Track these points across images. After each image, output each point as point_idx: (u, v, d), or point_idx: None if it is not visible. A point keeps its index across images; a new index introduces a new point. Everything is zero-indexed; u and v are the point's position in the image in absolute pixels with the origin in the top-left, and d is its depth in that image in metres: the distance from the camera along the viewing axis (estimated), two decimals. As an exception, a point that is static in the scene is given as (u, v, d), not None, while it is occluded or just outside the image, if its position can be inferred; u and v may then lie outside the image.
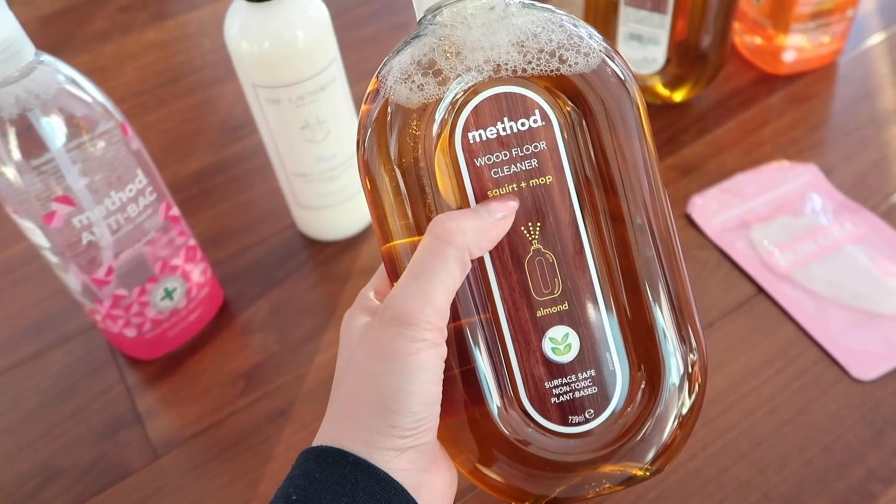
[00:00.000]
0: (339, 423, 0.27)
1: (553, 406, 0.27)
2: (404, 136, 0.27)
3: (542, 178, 0.27)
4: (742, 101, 0.60)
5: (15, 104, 0.36)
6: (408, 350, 0.25)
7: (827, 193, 0.52)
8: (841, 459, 0.40)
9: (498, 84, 0.27)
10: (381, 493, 0.25)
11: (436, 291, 0.25)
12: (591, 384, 0.27)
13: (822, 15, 0.57)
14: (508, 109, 0.27)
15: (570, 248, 0.27)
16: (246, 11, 0.42)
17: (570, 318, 0.27)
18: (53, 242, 0.40)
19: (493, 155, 0.27)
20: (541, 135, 0.27)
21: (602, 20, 0.58)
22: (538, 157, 0.27)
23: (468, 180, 0.27)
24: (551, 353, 0.27)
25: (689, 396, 0.28)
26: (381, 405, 0.25)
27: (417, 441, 0.26)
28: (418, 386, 0.25)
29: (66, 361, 0.49)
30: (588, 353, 0.27)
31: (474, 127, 0.27)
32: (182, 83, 0.70)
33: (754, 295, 0.47)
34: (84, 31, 0.79)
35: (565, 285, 0.27)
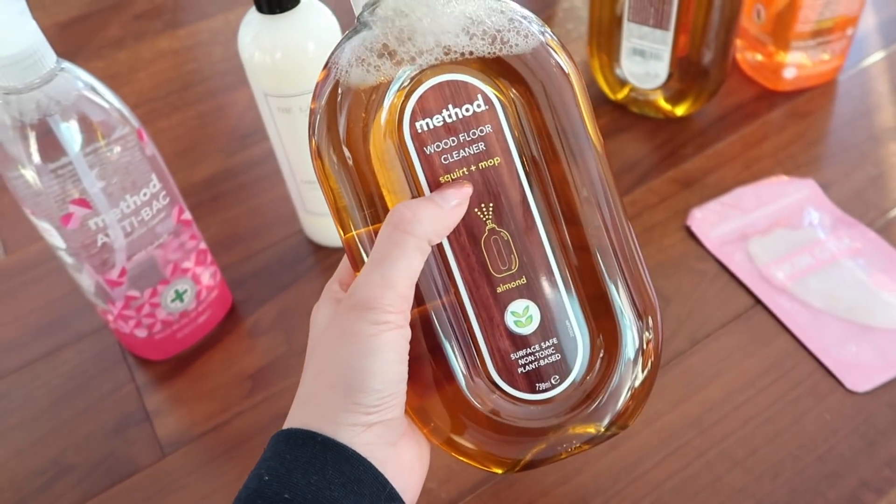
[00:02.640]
0: (305, 404, 0.28)
1: (520, 376, 0.29)
2: (355, 120, 0.27)
3: (490, 160, 0.28)
4: (742, 117, 0.61)
5: (36, 109, 0.37)
6: (370, 332, 0.26)
7: (824, 208, 0.53)
8: (834, 469, 0.41)
9: (440, 72, 0.27)
10: (349, 470, 0.27)
11: (397, 277, 0.27)
12: (554, 352, 0.29)
13: (822, 33, 0.58)
14: (452, 96, 0.28)
15: (522, 225, 0.29)
16: (259, 22, 0.44)
17: (528, 291, 0.29)
18: (69, 244, 0.41)
19: (441, 142, 0.28)
20: (485, 119, 0.28)
21: (606, 35, 0.59)
22: (485, 140, 0.28)
23: (419, 168, 0.28)
24: (514, 326, 0.29)
25: (643, 371, 0.30)
26: (345, 384, 0.27)
27: (383, 417, 0.27)
28: (381, 365, 0.27)
29: (78, 360, 0.50)
30: (548, 322, 0.29)
31: (421, 116, 0.28)
32: (194, 91, 0.72)
33: (751, 306, 0.48)
34: (99, 38, 0.80)
35: (521, 260, 0.29)
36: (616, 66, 0.60)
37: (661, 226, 0.54)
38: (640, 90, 0.60)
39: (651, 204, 0.55)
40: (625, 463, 0.42)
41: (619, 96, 0.62)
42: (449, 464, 0.43)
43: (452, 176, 0.28)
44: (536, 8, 0.76)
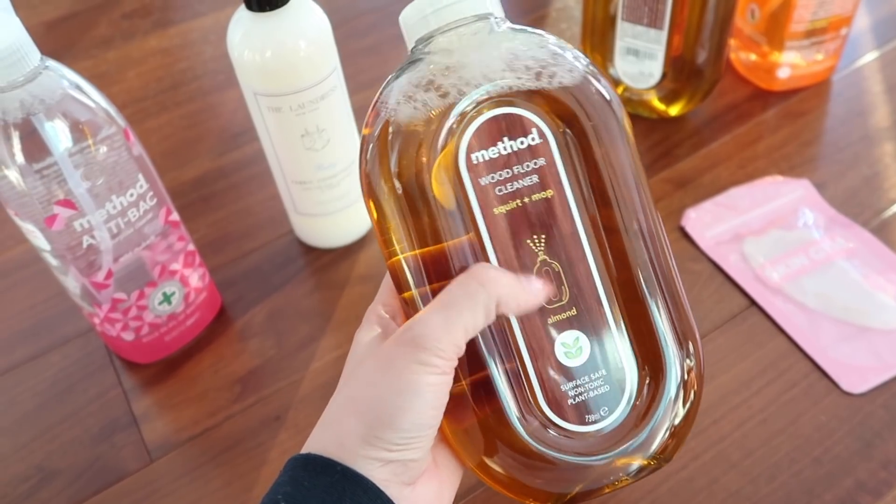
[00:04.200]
0: (329, 427, 0.27)
1: (570, 407, 0.29)
2: (406, 155, 0.28)
3: (543, 192, 0.28)
4: (737, 117, 0.60)
5: (20, 108, 0.37)
6: (415, 370, 0.26)
7: (819, 208, 0.52)
8: (830, 471, 0.40)
9: (496, 106, 0.28)
10: (367, 502, 0.26)
11: (458, 326, 0.26)
12: (603, 383, 0.29)
13: (816, 33, 0.58)
14: (508, 129, 0.28)
15: (573, 257, 0.29)
16: (249, 20, 0.43)
17: (578, 322, 0.29)
18: (54, 245, 0.41)
19: (496, 174, 0.28)
20: (539, 152, 0.28)
21: (600, 34, 0.59)
22: (538, 172, 0.28)
23: (474, 199, 0.28)
24: (564, 358, 0.29)
25: (685, 403, 0.29)
26: (374, 416, 0.26)
27: (403, 456, 0.27)
28: (416, 406, 0.26)
29: (63, 364, 0.50)
30: (598, 354, 0.29)
31: (477, 148, 0.28)
32: (183, 90, 0.71)
33: (747, 307, 0.48)
34: (87, 38, 0.79)
35: (572, 292, 0.29)
36: (610, 66, 0.60)
37: (656, 226, 0.53)
38: (634, 90, 0.59)
39: (645, 204, 0.55)
40: (620, 466, 0.41)
41: (613, 96, 0.61)
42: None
43: (507, 207, 0.28)
44: (529, 8, 0.76)
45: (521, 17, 0.74)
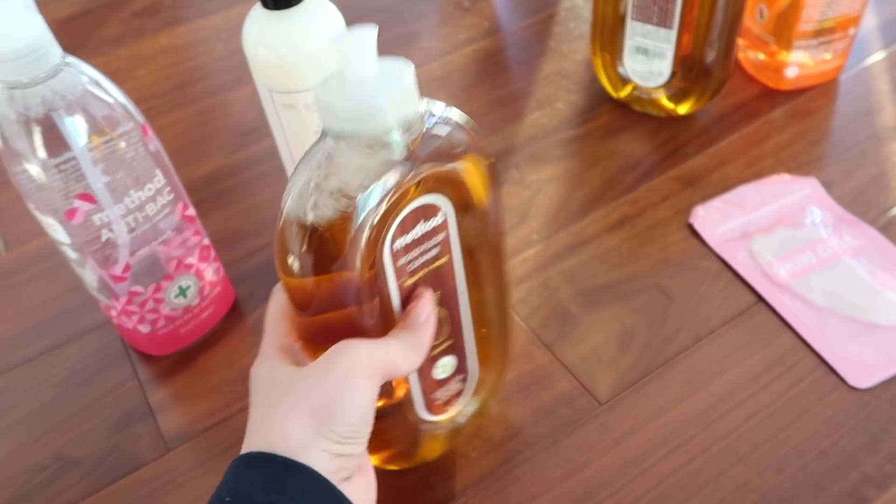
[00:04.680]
0: (272, 428, 0.30)
1: (437, 406, 0.39)
2: (325, 254, 0.30)
3: (440, 259, 0.34)
4: (745, 115, 0.61)
5: (41, 104, 0.37)
6: (356, 373, 0.30)
7: (826, 206, 0.53)
8: (837, 464, 0.41)
9: (415, 196, 0.31)
10: (309, 487, 0.29)
11: (385, 354, 0.32)
12: (460, 382, 0.39)
13: (824, 33, 0.58)
14: (424, 215, 0.32)
15: (455, 304, 0.36)
16: (264, 18, 0.44)
17: (452, 349, 0.37)
18: (73, 239, 0.41)
19: (410, 254, 0.32)
20: (441, 228, 0.33)
21: (609, 33, 0.59)
22: (440, 245, 0.33)
23: (392, 278, 0.32)
24: (440, 375, 0.38)
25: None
26: (325, 412, 0.30)
27: (348, 450, 0.31)
28: (360, 401, 0.30)
29: (81, 356, 0.50)
30: (460, 366, 0.38)
31: (399, 234, 0.31)
32: (194, 87, 0.72)
33: (754, 304, 0.48)
34: (98, 35, 0.80)
35: (451, 328, 0.36)
36: (619, 65, 0.60)
37: (664, 224, 0.54)
38: (643, 88, 0.60)
39: (653, 202, 0.55)
40: (629, 458, 0.42)
41: (622, 95, 0.62)
42: (454, 459, 0.43)
43: (413, 278, 0.33)
44: (538, 7, 0.76)
45: (530, 16, 0.75)
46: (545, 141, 0.61)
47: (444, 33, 0.74)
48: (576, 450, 0.43)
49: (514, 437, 0.43)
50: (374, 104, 0.29)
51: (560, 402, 0.45)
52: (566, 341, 0.48)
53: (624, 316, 0.49)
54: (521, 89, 0.67)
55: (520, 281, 0.51)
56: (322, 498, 0.29)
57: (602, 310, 0.49)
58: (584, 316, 0.49)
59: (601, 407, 0.44)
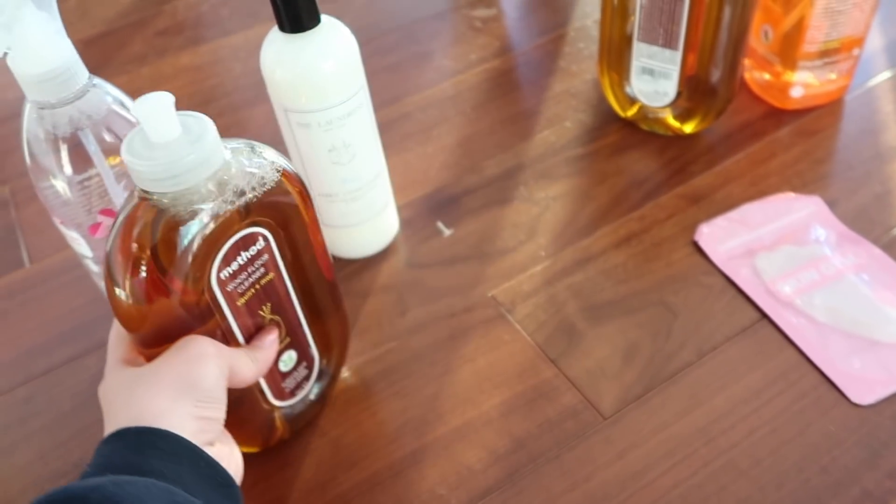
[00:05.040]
0: (131, 408, 0.34)
1: (287, 392, 0.44)
2: (156, 289, 0.34)
3: (267, 276, 0.39)
4: (750, 135, 0.62)
5: (68, 123, 0.39)
6: (201, 349, 0.35)
7: (830, 225, 0.54)
8: (838, 479, 0.41)
9: (233, 232, 0.35)
10: (165, 445, 0.32)
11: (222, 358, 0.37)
12: (305, 369, 0.45)
13: (829, 53, 0.59)
14: (244, 245, 0.36)
15: (288, 310, 0.41)
16: (281, 41, 0.45)
17: (291, 345, 0.43)
18: (96, 252, 0.43)
19: (237, 279, 0.37)
20: (265, 251, 0.38)
21: (616, 54, 0.60)
22: (264, 266, 0.38)
23: (223, 302, 0.37)
24: (283, 367, 0.43)
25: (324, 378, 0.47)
26: (183, 382, 0.34)
27: (207, 413, 0.35)
28: (209, 370, 0.35)
29: (100, 366, 0.51)
30: (302, 357, 0.44)
31: (224, 266, 0.36)
32: (214, 105, 0.74)
33: (758, 320, 0.49)
34: (122, 54, 0.83)
35: (288, 329, 0.42)
36: (626, 85, 0.62)
37: (670, 241, 0.55)
38: (650, 108, 0.61)
39: (659, 219, 0.56)
40: (632, 471, 0.43)
41: (629, 114, 0.63)
42: (459, 471, 0.44)
43: (244, 298, 0.38)
44: (548, 28, 0.78)
45: (541, 36, 0.76)
46: (554, 158, 0.63)
47: (457, 53, 0.76)
48: (579, 463, 0.43)
49: (519, 449, 0.44)
50: (181, 165, 0.32)
51: (564, 416, 0.46)
52: (571, 356, 0.49)
53: (629, 331, 0.50)
54: (530, 108, 0.68)
55: (527, 296, 0.52)
56: (180, 454, 0.32)
57: (607, 325, 0.50)
58: (589, 331, 0.50)
59: (605, 421, 0.45)
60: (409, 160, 0.64)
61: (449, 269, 0.55)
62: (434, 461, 0.44)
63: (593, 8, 0.79)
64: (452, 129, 0.67)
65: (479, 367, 0.49)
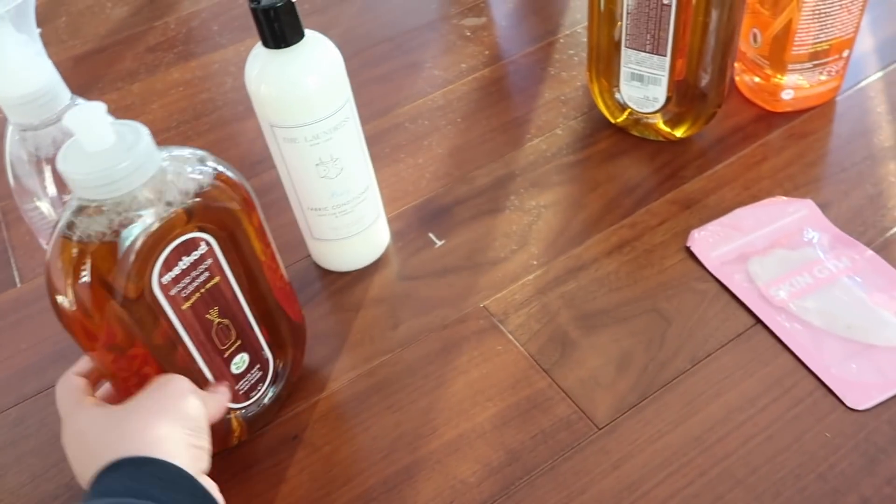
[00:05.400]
0: (124, 439, 0.34)
1: (241, 395, 0.45)
2: (100, 298, 0.35)
3: (212, 280, 0.39)
4: (742, 138, 0.62)
5: (51, 144, 0.39)
6: (188, 393, 0.38)
7: (823, 228, 0.53)
8: (835, 487, 0.41)
9: (173, 235, 0.36)
10: (164, 474, 0.33)
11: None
12: (259, 370, 0.46)
13: (818, 55, 0.59)
14: (185, 249, 0.37)
15: (237, 314, 0.42)
16: (265, 57, 0.45)
17: (242, 348, 0.44)
18: (83, 272, 0.43)
19: (180, 283, 0.38)
20: (208, 255, 0.38)
21: (605, 60, 0.60)
22: (209, 269, 0.39)
23: (167, 307, 0.37)
24: (236, 370, 0.44)
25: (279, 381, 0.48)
26: (172, 413, 0.36)
27: (199, 442, 0.37)
28: (194, 405, 0.38)
29: (91, 386, 0.51)
30: (254, 358, 0.45)
31: (165, 271, 0.36)
32: (205, 120, 0.74)
33: (752, 326, 0.49)
34: (113, 71, 0.83)
35: (236, 332, 0.43)
36: (615, 91, 0.61)
37: (662, 247, 0.54)
38: (640, 114, 0.61)
39: (651, 226, 0.56)
40: (627, 482, 0.42)
41: (619, 120, 0.63)
42: (454, 485, 0.43)
43: (189, 302, 0.38)
44: (539, 35, 0.78)
45: (531, 44, 0.76)
46: (545, 167, 0.62)
47: (447, 62, 0.76)
48: (574, 475, 0.43)
49: (513, 462, 0.44)
50: (116, 172, 0.33)
51: (558, 427, 0.45)
52: (564, 365, 0.48)
53: (622, 339, 0.49)
54: (521, 116, 0.68)
55: (519, 306, 0.52)
56: (179, 483, 0.33)
57: (600, 333, 0.50)
58: (582, 340, 0.50)
59: (599, 431, 0.45)
60: (399, 171, 0.64)
61: (441, 280, 0.55)
62: (428, 475, 0.44)
63: (583, 15, 0.79)
64: (443, 140, 0.67)
65: (473, 379, 0.48)
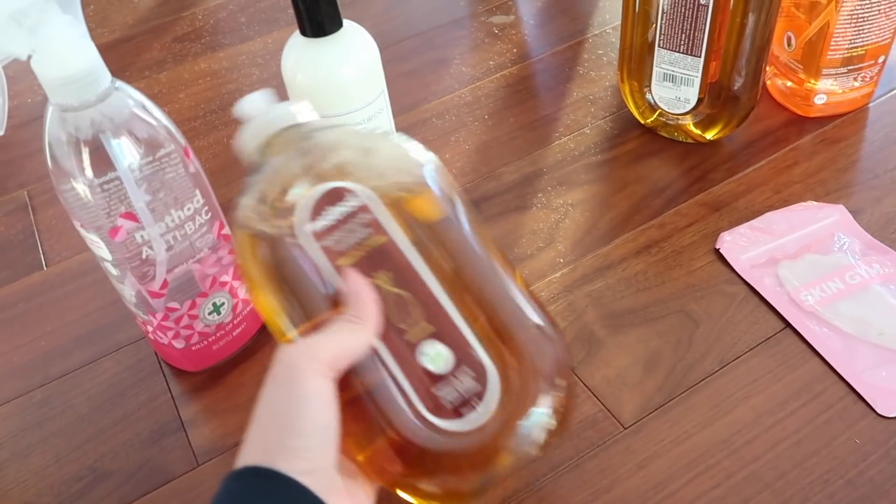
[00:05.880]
0: (250, 448, 0.30)
1: (445, 407, 0.32)
2: (263, 243, 0.34)
3: (376, 238, 0.34)
4: (772, 142, 0.61)
5: (90, 126, 0.39)
6: (298, 381, 0.30)
7: (855, 234, 0.53)
8: (864, 493, 0.40)
9: (319, 184, 0.34)
10: (292, 494, 0.28)
11: (331, 343, 0.31)
12: (470, 379, 0.33)
13: (853, 61, 0.59)
14: (334, 199, 0.34)
15: (416, 283, 0.34)
16: (302, 46, 0.45)
17: (435, 335, 0.33)
18: (115, 255, 0.43)
19: (333, 235, 0.34)
20: (363, 210, 0.34)
21: (637, 60, 0.60)
22: (368, 225, 0.34)
23: (322, 257, 0.33)
24: (430, 366, 0.33)
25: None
26: (279, 428, 0.29)
27: (315, 464, 0.29)
28: (309, 410, 0.29)
29: (116, 370, 0.52)
30: (458, 357, 0.33)
31: (314, 219, 0.34)
32: (231, 111, 0.74)
33: (781, 330, 0.48)
34: (141, 60, 0.83)
35: (422, 311, 0.33)
36: (646, 91, 0.61)
37: (691, 248, 0.54)
38: (670, 115, 0.61)
39: (680, 227, 0.56)
40: (653, 482, 0.42)
41: (649, 121, 0.63)
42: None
43: (349, 258, 0.33)
44: (568, 35, 0.77)
45: (559, 43, 0.76)
46: (572, 165, 0.62)
47: (475, 59, 0.76)
48: (599, 473, 0.43)
49: (538, 458, 0.44)
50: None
51: (584, 425, 0.45)
52: (591, 364, 0.48)
53: (649, 339, 0.49)
54: (549, 114, 0.68)
55: (545, 303, 0.52)
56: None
57: (628, 333, 0.49)
58: (609, 339, 0.49)
59: (625, 430, 0.44)
60: (426, 166, 0.64)
61: (467, 275, 0.55)
62: (452, 470, 0.44)
63: (612, 15, 0.79)
64: (470, 136, 0.67)
65: (498, 375, 0.48)
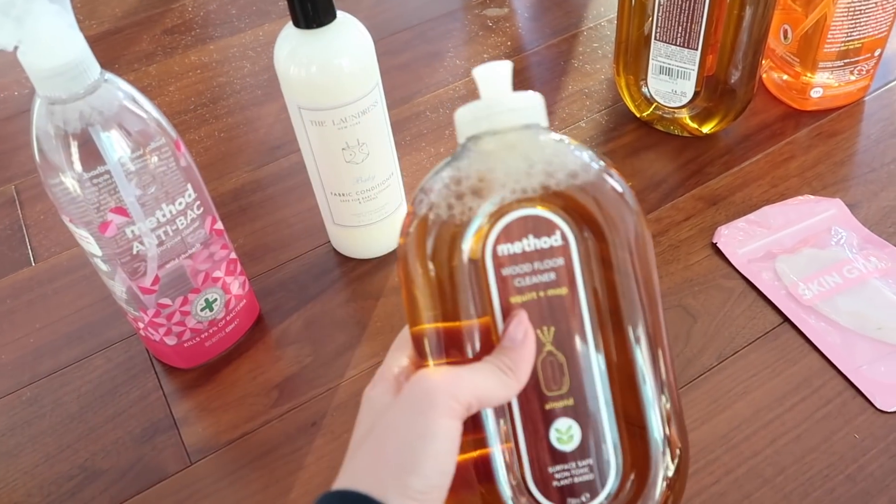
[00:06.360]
0: (357, 476, 0.28)
1: (554, 489, 0.30)
2: (440, 243, 0.30)
3: (558, 289, 0.30)
4: (769, 136, 0.61)
5: (79, 119, 0.38)
6: (436, 413, 0.27)
7: (852, 227, 0.53)
8: (864, 488, 0.40)
9: (526, 206, 0.29)
10: None
11: (471, 385, 0.28)
12: (589, 471, 0.30)
13: (849, 54, 0.58)
14: (534, 229, 0.30)
15: (577, 351, 0.30)
16: (296, 37, 0.45)
17: (574, 412, 0.30)
18: (105, 251, 0.42)
19: (517, 266, 0.30)
20: (559, 252, 0.30)
21: (633, 53, 0.60)
22: (556, 271, 0.30)
23: (494, 286, 0.30)
24: (556, 443, 0.30)
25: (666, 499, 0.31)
26: (400, 462, 0.27)
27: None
28: (435, 450, 0.27)
29: (107, 367, 0.51)
30: (587, 444, 0.30)
31: (504, 241, 0.29)
32: (222, 104, 0.73)
33: (779, 324, 0.48)
34: (130, 52, 0.82)
35: (572, 384, 0.30)
36: (642, 84, 0.61)
37: (688, 243, 0.54)
38: (666, 108, 0.60)
39: (677, 221, 0.55)
40: (652, 479, 0.42)
41: (645, 114, 0.62)
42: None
43: (522, 297, 0.30)
44: (562, 27, 0.77)
45: (554, 36, 0.76)
46: (568, 159, 0.62)
47: (469, 52, 0.75)
48: (599, 469, 0.42)
49: None
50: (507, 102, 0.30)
51: (583, 421, 0.45)
52: (589, 360, 0.48)
53: (647, 335, 0.49)
54: (544, 108, 0.67)
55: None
56: None
57: (625, 328, 0.49)
58: (607, 334, 0.49)
59: (624, 426, 0.44)
60: (420, 160, 0.64)
61: (463, 270, 0.54)
62: (449, 467, 0.43)
63: (607, 8, 0.79)
64: (465, 129, 0.66)
65: (495, 371, 0.48)
